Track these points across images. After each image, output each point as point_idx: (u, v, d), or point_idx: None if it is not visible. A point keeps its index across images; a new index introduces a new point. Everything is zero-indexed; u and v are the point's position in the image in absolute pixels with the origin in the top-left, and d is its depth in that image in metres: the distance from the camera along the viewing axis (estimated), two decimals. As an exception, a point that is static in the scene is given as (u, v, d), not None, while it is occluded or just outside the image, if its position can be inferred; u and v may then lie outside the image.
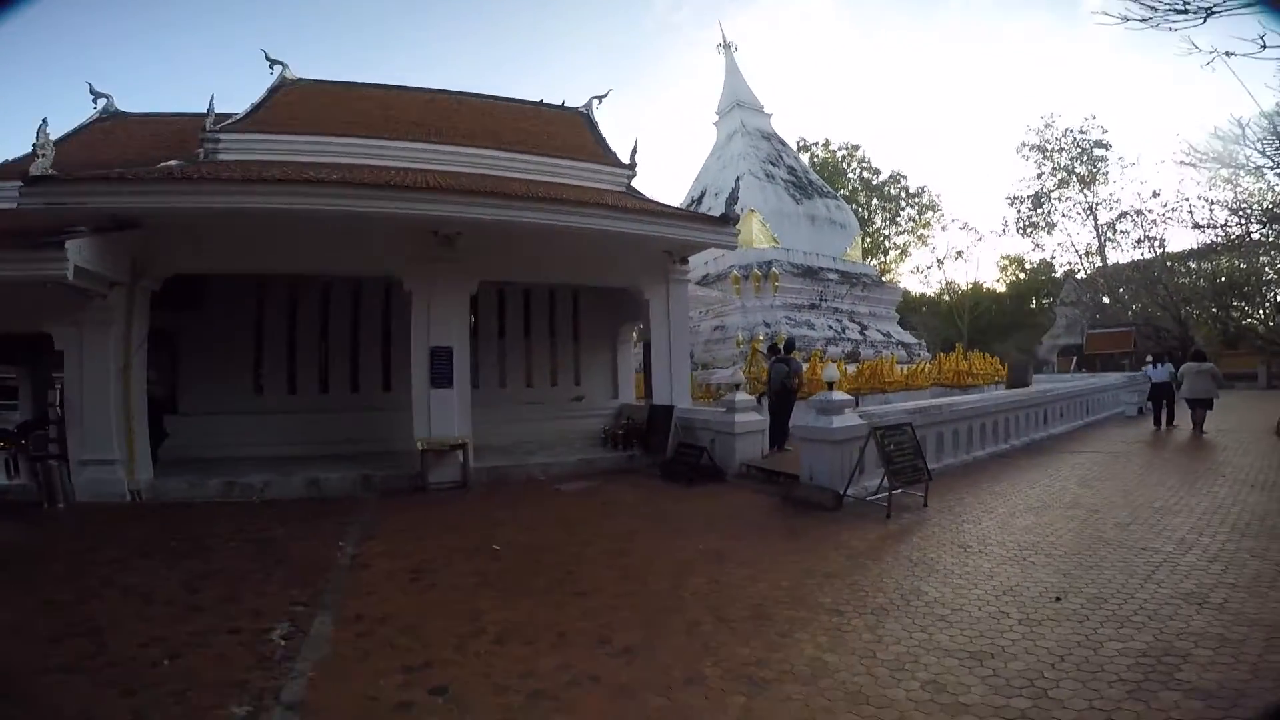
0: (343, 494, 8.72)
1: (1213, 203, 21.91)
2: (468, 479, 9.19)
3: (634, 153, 13.41)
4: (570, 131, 14.60)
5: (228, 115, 11.08)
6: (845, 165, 47.00)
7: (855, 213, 43.25)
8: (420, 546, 6.10)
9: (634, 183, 13.28)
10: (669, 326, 11.42)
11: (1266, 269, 29.59)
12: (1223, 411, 12.77)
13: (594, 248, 10.45)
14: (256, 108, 11.93)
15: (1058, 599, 3.81)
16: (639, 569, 5.15)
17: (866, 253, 44.35)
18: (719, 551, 5.52)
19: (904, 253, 47.75)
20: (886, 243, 47.54)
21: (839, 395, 7.24)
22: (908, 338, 20.26)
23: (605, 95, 15.57)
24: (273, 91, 12.72)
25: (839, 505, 6.73)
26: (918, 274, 47.79)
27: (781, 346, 10.87)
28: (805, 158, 44.09)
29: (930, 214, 46.33)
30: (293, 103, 12.43)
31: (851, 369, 14.40)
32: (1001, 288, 46.60)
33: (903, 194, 46.84)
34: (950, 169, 79.01)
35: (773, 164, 22.13)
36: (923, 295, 47.24)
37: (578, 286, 12.97)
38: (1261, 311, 30.69)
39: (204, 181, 8.27)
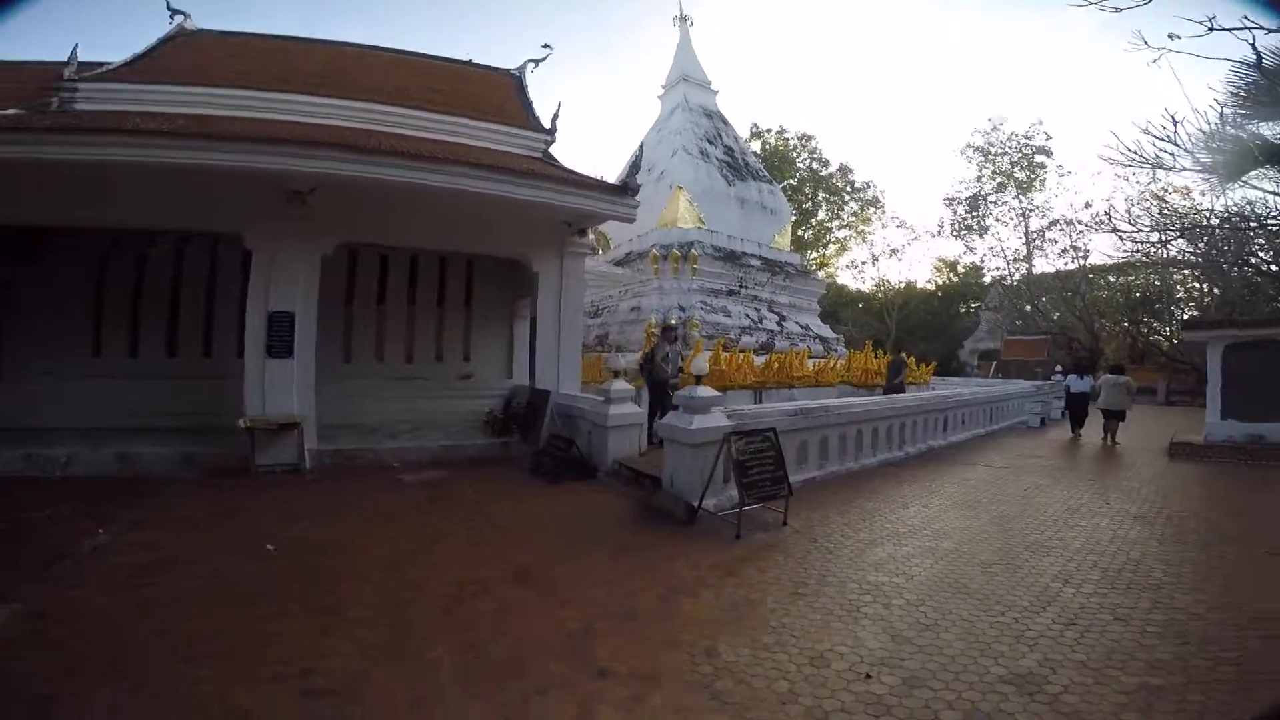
0: (158, 472, 7.67)
1: (1137, 216, 22.34)
2: (304, 462, 8.12)
3: (555, 117, 12.31)
4: (495, 93, 13.37)
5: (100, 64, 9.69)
6: (796, 155, 46.46)
7: (800, 204, 43.03)
8: (185, 539, 5.23)
9: (557, 151, 12.12)
10: (560, 303, 10.48)
11: (1178, 287, 30.64)
12: (1125, 425, 12.83)
13: (474, 212, 9.37)
14: (138, 57, 10.41)
15: (867, 676, 3.07)
16: (420, 585, 4.29)
17: (809, 245, 44.28)
18: (530, 569, 4.68)
19: (844, 247, 47.80)
20: (829, 236, 47.43)
21: (704, 391, 6.43)
22: (826, 332, 19.81)
23: (542, 59, 14.32)
24: (164, 41, 11.16)
25: (692, 519, 5.95)
26: (853, 269, 48.03)
27: (660, 331, 10.11)
28: (757, 144, 43.46)
29: (872, 210, 46.39)
30: (182, 53, 10.92)
31: (761, 361, 13.76)
32: (933, 288, 47.22)
33: (848, 188, 46.68)
34: (896, 166, 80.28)
35: (710, 142, 21.18)
36: (857, 291, 47.47)
37: (471, 255, 11.83)
38: (1169, 329, 31.87)
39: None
